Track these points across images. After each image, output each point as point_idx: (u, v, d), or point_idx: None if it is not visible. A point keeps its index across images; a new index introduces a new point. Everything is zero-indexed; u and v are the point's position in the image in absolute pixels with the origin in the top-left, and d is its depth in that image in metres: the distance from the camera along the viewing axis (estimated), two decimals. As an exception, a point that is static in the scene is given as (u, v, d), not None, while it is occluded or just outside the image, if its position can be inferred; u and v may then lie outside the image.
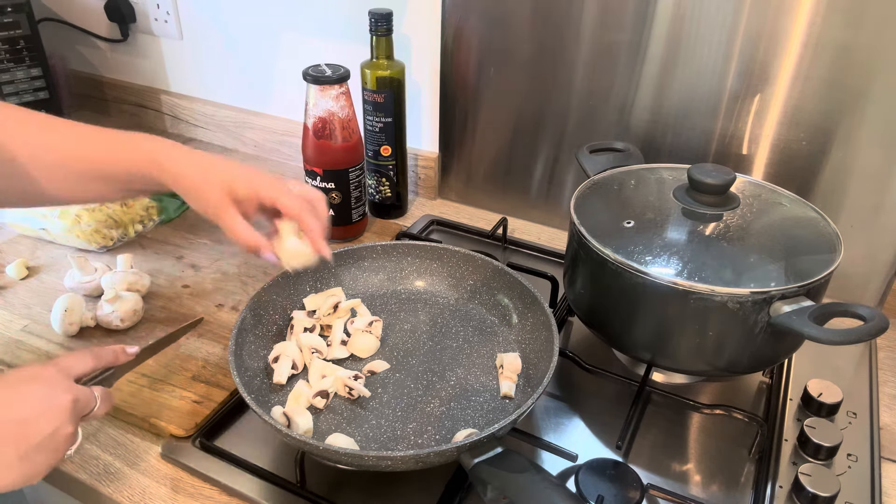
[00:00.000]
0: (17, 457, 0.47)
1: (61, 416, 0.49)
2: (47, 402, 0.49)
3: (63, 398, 0.50)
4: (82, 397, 0.52)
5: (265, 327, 0.73)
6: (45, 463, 0.49)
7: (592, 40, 0.89)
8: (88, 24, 1.32)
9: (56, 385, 0.51)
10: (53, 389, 0.50)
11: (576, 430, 0.70)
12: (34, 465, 0.48)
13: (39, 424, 0.48)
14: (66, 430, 0.49)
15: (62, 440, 0.49)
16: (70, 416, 0.50)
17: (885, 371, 0.80)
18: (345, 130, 0.91)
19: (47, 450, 0.48)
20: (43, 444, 0.48)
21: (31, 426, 0.48)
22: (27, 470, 0.48)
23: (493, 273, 0.79)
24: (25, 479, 0.48)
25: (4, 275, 0.89)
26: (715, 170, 0.70)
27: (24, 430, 0.47)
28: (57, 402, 0.49)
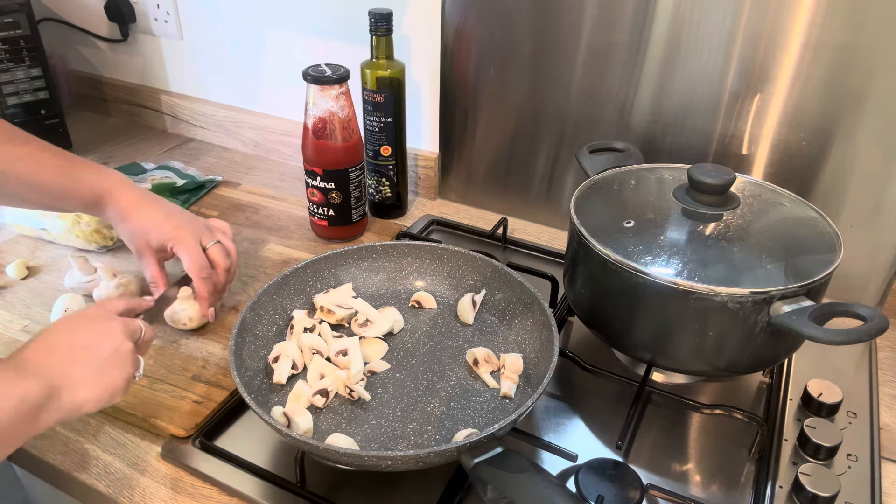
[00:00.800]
0: (93, 370, 0.54)
1: (118, 335, 0.57)
2: (102, 327, 0.57)
3: (114, 323, 0.58)
4: (130, 323, 0.60)
5: (265, 327, 0.73)
6: (119, 376, 0.56)
7: (592, 40, 0.89)
8: (88, 24, 1.32)
9: (105, 316, 0.59)
10: (104, 319, 0.58)
11: (576, 430, 0.70)
12: (111, 377, 0.55)
13: (102, 344, 0.56)
14: (126, 346, 0.57)
15: (127, 355, 0.57)
16: (125, 335, 0.58)
17: (885, 371, 0.80)
18: (345, 130, 0.91)
19: (117, 364, 0.56)
20: (111, 360, 0.56)
21: (95, 347, 0.55)
22: (106, 382, 0.55)
23: (493, 273, 0.79)
24: (109, 390, 0.55)
25: (4, 275, 0.89)
26: (715, 170, 0.70)
27: (91, 350, 0.55)
28: (109, 326, 0.58)
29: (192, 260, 0.75)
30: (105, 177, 0.76)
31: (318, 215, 0.97)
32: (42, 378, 0.51)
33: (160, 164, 1.17)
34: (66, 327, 0.56)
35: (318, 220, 0.98)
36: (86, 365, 0.54)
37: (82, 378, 0.53)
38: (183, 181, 1.10)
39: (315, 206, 0.97)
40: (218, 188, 1.14)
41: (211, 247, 0.78)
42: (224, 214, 1.06)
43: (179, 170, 1.15)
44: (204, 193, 1.11)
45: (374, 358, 0.73)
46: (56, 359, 0.53)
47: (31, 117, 1.16)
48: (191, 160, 1.24)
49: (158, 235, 0.75)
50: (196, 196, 1.10)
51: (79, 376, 0.53)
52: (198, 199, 1.10)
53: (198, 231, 0.77)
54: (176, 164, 1.17)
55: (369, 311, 0.77)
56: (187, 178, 1.12)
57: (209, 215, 1.05)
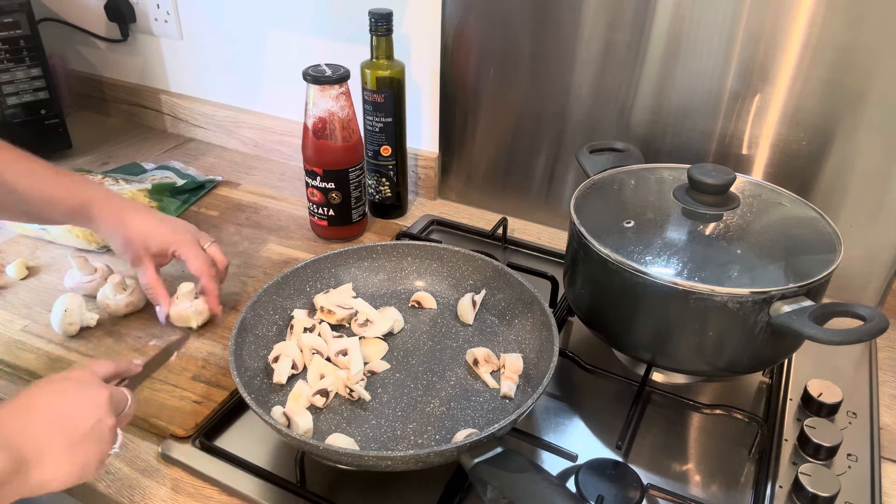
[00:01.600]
0: (68, 447, 0.49)
1: (101, 408, 0.52)
2: (86, 397, 0.52)
3: (99, 392, 0.53)
4: (116, 393, 0.55)
5: (265, 327, 0.74)
6: (95, 453, 0.51)
7: (592, 40, 0.89)
8: (88, 24, 1.32)
9: (90, 383, 0.54)
10: (89, 386, 0.53)
11: (576, 430, 0.70)
12: (85, 454, 0.50)
13: (83, 416, 0.51)
14: (108, 422, 0.52)
15: (106, 431, 0.52)
16: (108, 409, 0.53)
17: (885, 371, 0.80)
18: (345, 130, 0.91)
19: (94, 440, 0.51)
20: (89, 435, 0.51)
21: (75, 418, 0.50)
22: (79, 460, 0.50)
23: (493, 273, 0.79)
24: (79, 469, 0.50)
25: (4, 275, 0.89)
26: (715, 170, 0.70)
27: (70, 422, 0.50)
28: (94, 397, 0.53)
29: (200, 259, 0.76)
30: (90, 187, 0.75)
31: (318, 215, 0.97)
32: (11, 450, 0.46)
33: (160, 164, 1.17)
34: (50, 393, 0.51)
35: (318, 220, 0.98)
36: (62, 439, 0.49)
37: (55, 455, 0.49)
38: (183, 181, 1.10)
39: (315, 206, 0.97)
40: (218, 188, 1.14)
41: (209, 246, 0.79)
42: (224, 214, 1.06)
43: (179, 170, 1.15)
44: (204, 193, 1.11)
45: (374, 358, 0.73)
46: (31, 429, 0.48)
47: (31, 117, 1.16)
48: (191, 160, 1.24)
49: (159, 240, 0.75)
50: (196, 196, 1.10)
51: (51, 453, 0.48)
52: (198, 199, 1.10)
53: (194, 233, 0.79)
54: (176, 164, 1.17)
55: (369, 311, 0.77)
56: (187, 178, 1.12)
57: (209, 215, 1.05)
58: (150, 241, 0.75)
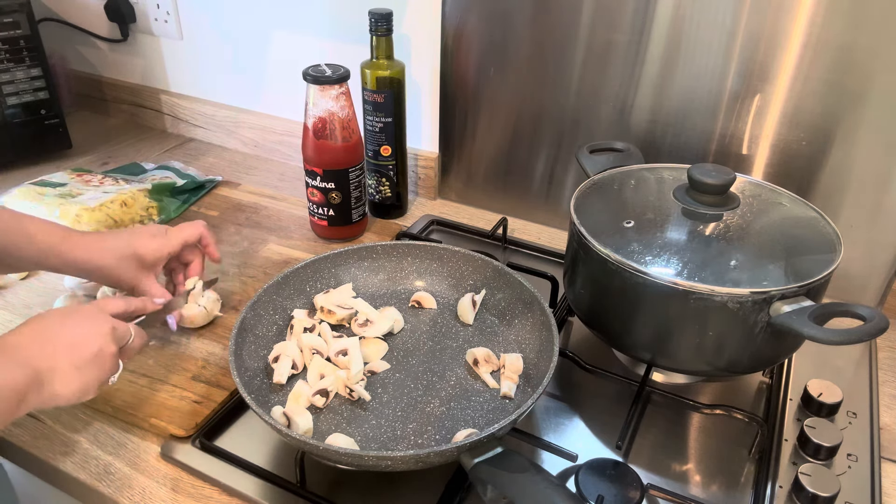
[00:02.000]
0: (74, 368, 0.56)
1: (104, 337, 0.59)
2: (91, 326, 0.59)
3: (103, 324, 0.60)
4: (119, 327, 0.61)
5: (265, 327, 0.73)
6: (95, 378, 0.58)
7: (592, 40, 0.89)
8: (88, 24, 1.32)
9: (96, 315, 0.61)
10: (94, 317, 0.60)
11: (576, 430, 0.70)
12: (87, 377, 0.57)
13: (87, 343, 0.58)
14: (109, 350, 0.59)
15: (108, 358, 0.59)
16: (111, 339, 0.59)
17: (885, 371, 0.80)
18: (345, 130, 0.91)
19: (96, 365, 0.58)
20: (92, 361, 0.57)
21: (80, 345, 0.57)
22: (82, 382, 0.57)
23: (493, 273, 0.79)
24: (81, 389, 0.57)
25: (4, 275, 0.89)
26: (715, 170, 0.70)
27: (76, 348, 0.57)
28: (99, 327, 0.59)
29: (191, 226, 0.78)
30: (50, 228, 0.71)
31: (318, 215, 0.97)
32: (31, 368, 0.53)
33: (160, 164, 1.17)
34: (59, 320, 0.58)
35: (318, 220, 0.98)
36: (69, 361, 0.56)
37: (63, 373, 0.56)
38: (183, 181, 1.10)
39: (315, 206, 0.97)
40: (218, 188, 1.14)
41: None
42: (224, 214, 1.06)
43: (179, 170, 1.15)
44: (204, 193, 1.11)
45: (374, 358, 0.73)
46: (45, 351, 0.55)
47: (31, 117, 1.16)
48: (191, 160, 1.24)
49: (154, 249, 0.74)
50: (196, 196, 1.10)
51: (61, 371, 0.55)
52: (198, 199, 1.10)
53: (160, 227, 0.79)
54: (176, 164, 1.17)
55: (369, 312, 0.77)
56: (187, 178, 1.11)
57: (209, 215, 1.05)
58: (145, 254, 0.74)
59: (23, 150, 1.18)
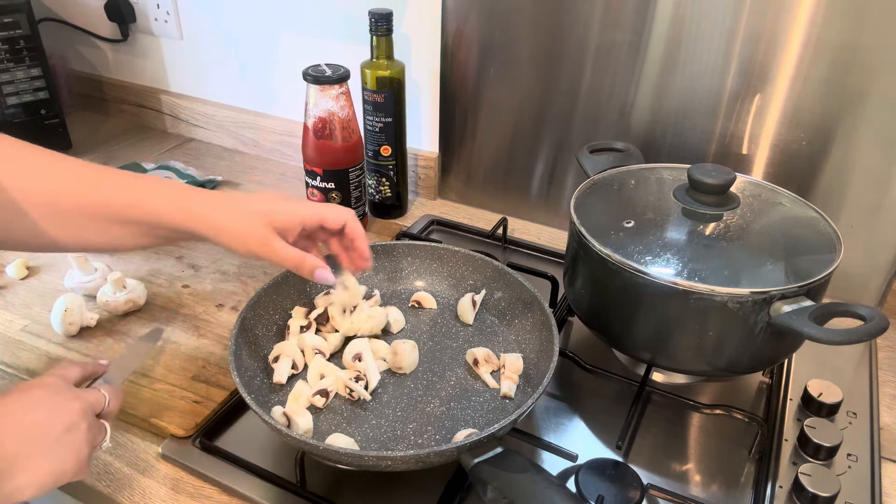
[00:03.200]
0: (40, 454, 0.49)
1: (72, 413, 0.52)
2: (55, 403, 0.52)
3: (68, 398, 0.53)
4: (88, 396, 0.54)
5: (265, 327, 0.73)
6: (69, 459, 0.51)
7: (593, 40, 0.89)
8: (88, 24, 1.32)
9: (59, 388, 0.53)
10: (58, 392, 0.53)
11: (576, 430, 0.70)
12: (60, 461, 0.50)
13: (53, 423, 0.51)
14: (80, 427, 0.52)
15: (81, 435, 0.52)
16: (80, 413, 0.52)
17: (885, 371, 0.80)
18: (345, 130, 0.91)
19: (68, 446, 0.51)
20: (62, 440, 0.50)
21: (46, 426, 0.50)
22: (52, 467, 0.50)
23: (493, 273, 0.79)
24: (54, 476, 0.50)
25: (4, 275, 0.89)
26: (715, 170, 0.70)
27: (39, 430, 0.50)
28: (63, 403, 0.52)
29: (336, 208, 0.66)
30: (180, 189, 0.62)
31: (318, 215, 0.97)
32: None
33: (160, 164, 1.17)
34: (19, 402, 0.51)
35: (318, 220, 0.98)
36: (33, 448, 0.49)
37: (27, 462, 0.49)
38: (183, 181, 1.10)
39: (315, 206, 0.97)
40: (218, 188, 1.14)
41: None
42: (224, 214, 1.05)
43: (179, 170, 1.15)
44: (204, 193, 1.11)
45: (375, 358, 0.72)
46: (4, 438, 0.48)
47: (31, 117, 1.16)
48: (191, 160, 1.24)
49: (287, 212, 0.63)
50: (196, 196, 1.09)
51: (24, 459, 0.48)
52: (198, 199, 1.09)
53: None
54: (176, 164, 1.17)
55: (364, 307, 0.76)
56: (187, 178, 1.11)
57: (209, 215, 1.05)
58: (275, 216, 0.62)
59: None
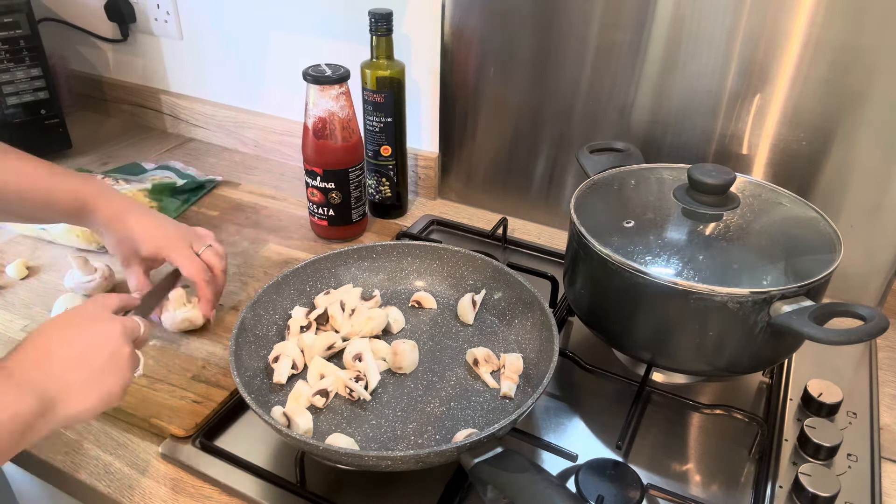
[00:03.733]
0: (90, 380, 0.53)
1: (115, 340, 0.55)
2: (98, 331, 0.55)
3: (111, 325, 0.56)
4: (127, 322, 0.58)
5: (265, 327, 0.73)
6: (115, 383, 0.54)
7: (593, 40, 0.89)
8: (88, 24, 1.32)
9: (101, 316, 0.57)
10: (101, 320, 0.57)
11: (576, 430, 0.70)
12: (108, 384, 0.54)
13: (98, 351, 0.54)
14: (124, 351, 0.56)
15: (124, 360, 0.55)
16: (123, 339, 0.56)
17: (885, 371, 0.80)
18: (345, 130, 0.91)
19: (113, 370, 0.54)
20: (107, 367, 0.54)
21: (92, 352, 0.54)
22: (101, 392, 0.53)
23: (493, 273, 0.79)
24: (104, 399, 0.54)
25: (4, 275, 0.89)
26: (715, 170, 0.70)
27: (88, 356, 0.53)
28: (108, 329, 0.56)
29: (192, 265, 0.74)
30: (89, 184, 0.74)
31: (318, 215, 0.97)
32: (36, 393, 0.49)
33: (160, 164, 1.17)
34: (64, 330, 0.54)
35: (318, 220, 0.98)
36: (83, 373, 0.52)
37: (78, 388, 0.52)
38: (183, 181, 1.10)
39: (315, 206, 0.97)
40: (218, 188, 1.14)
41: (204, 251, 0.76)
42: (224, 214, 1.06)
43: (179, 170, 1.15)
44: (204, 193, 1.11)
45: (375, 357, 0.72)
46: (53, 368, 0.51)
47: (31, 117, 1.16)
48: (191, 160, 1.24)
49: (149, 244, 0.73)
50: (196, 196, 1.10)
51: (75, 387, 0.52)
52: (198, 199, 1.10)
53: (188, 237, 0.76)
54: (176, 164, 1.17)
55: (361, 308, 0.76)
56: (187, 178, 1.11)
57: (209, 215, 1.05)
58: (139, 245, 0.73)
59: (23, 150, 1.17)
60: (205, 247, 0.77)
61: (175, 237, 0.75)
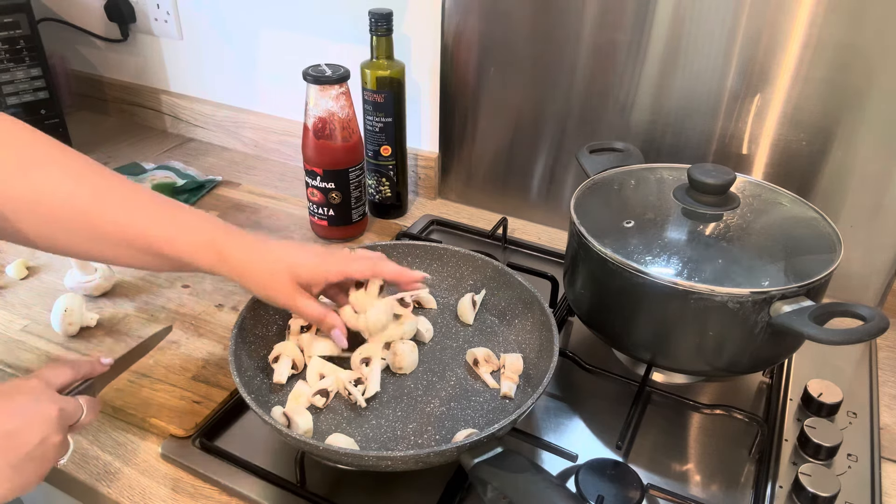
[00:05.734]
0: (9, 467, 0.48)
1: (48, 425, 0.50)
2: (33, 413, 0.50)
3: (48, 408, 0.51)
4: (67, 407, 0.52)
5: (265, 327, 0.73)
6: (35, 473, 0.49)
7: (593, 40, 0.89)
8: (88, 24, 1.32)
9: (40, 396, 0.51)
10: (38, 401, 0.51)
11: (576, 430, 0.70)
12: (25, 475, 0.49)
13: (28, 435, 0.49)
14: (54, 440, 0.50)
15: (51, 449, 0.50)
16: (57, 426, 0.51)
17: (885, 371, 0.80)
18: (345, 130, 0.91)
19: (37, 459, 0.49)
20: (32, 454, 0.49)
21: (19, 437, 0.48)
22: (19, 480, 0.48)
23: (493, 273, 0.79)
24: (18, 489, 0.48)
25: (4, 275, 0.89)
26: (715, 170, 0.70)
27: (13, 441, 0.48)
28: (43, 413, 0.50)
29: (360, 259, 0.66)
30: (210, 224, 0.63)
31: (318, 215, 0.97)
32: None
33: (160, 164, 1.17)
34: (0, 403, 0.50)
35: (318, 220, 0.98)
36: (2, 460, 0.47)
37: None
38: (183, 181, 1.10)
39: (315, 206, 0.97)
40: (218, 188, 1.14)
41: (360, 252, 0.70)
42: (224, 214, 1.06)
43: (179, 170, 1.15)
44: (204, 193, 1.11)
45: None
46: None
47: (31, 117, 1.16)
48: (191, 160, 1.24)
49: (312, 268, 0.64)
50: (196, 196, 1.10)
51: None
52: (198, 199, 1.10)
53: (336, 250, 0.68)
54: (176, 164, 1.17)
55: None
56: (187, 178, 1.12)
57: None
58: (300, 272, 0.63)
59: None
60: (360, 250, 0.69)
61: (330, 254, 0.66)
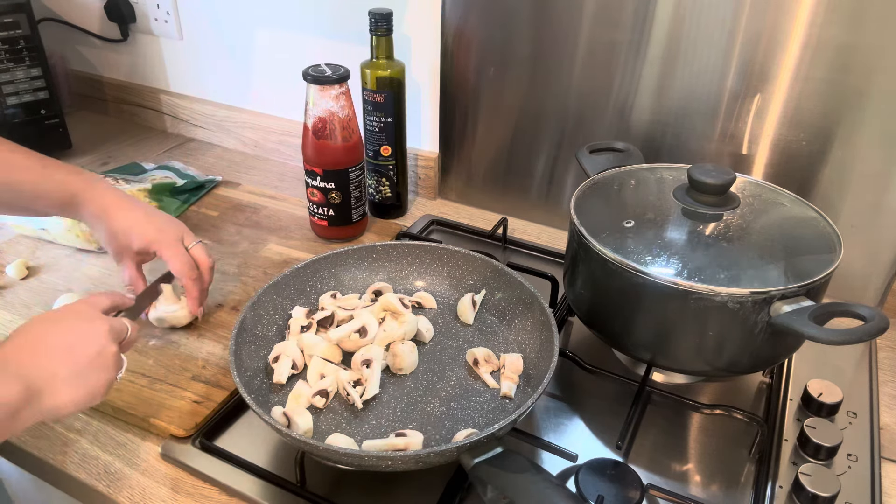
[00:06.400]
0: (74, 375, 0.53)
1: (102, 338, 0.56)
2: (87, 328, 0.56)
3: (100, 324, 0.57)
4: (115, 323, 0.59)
5: (265, 327, 0.73)
6: (100, 380, 0.55)
7: (592, 40, 0.89)
8: (88, 24, 1.32)
9: (90, 315, 0.58)
10: (89, 318, 0.57)
11: (576, 430, 0.70)
12: (93, 381, 0.54)
13: (86, 347, 0.55)
14: (110, 349, 0.56)
15: (110, 359, 0.56)
16: (110, 338, 0.57)
17: (885, 371, 0.80)
18: (345, 130, 0.91)
19: (99, 368, 0.55)
20: (93, 364, 0.55)
21: (79, 349, 0.54)
22: (86, 388, 0.54)
23: (493, 273, 0.79)
24: (88, 395, 0.54)
25: (4, 275, 0.89)
26: (715, 170, 0.70)
27: (74, 353, 0.54)
28: (96, 328, 0.56)
29: (180, 261, 0.74)
30: (80, 176, 0.74)
31: (318, 215, 0.97)
32: (23, 381, 0.50)
33: (160, 164, 1.17)
34: (52, 325, 0.55)
35: (318, 220, 0.98)
36: (69, 367, 0.53)
37: (65, 381, 0.52)
38: (183, 181, 1.10)
39: (315, 206, 0.97)
40: (218, 188, 1.14)
41: (193, 246, 0.77)
42: (224, 214, 1.06)
43: (179, 170, 1.15)
44: (204, 193, 1.11)
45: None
46: (40, 360, 0.52)
47: (31, 117, 1.16)
48: (191, 160, 1.24)
49: (141, 237, 0.73)
50: (196, 196, 1.10)
51: (62, 379, 0.52)
52: (198, 199, 1.10)
53: (179, 232, 0.76)
54: (176, 164, 1.17)
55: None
56: (187, 178, 1.11)
57: (209, 215, 1.05)
58: (131, 238, 0.73)
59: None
60: (195, 242, 0.77)
61: (166, 231, 0.75)
